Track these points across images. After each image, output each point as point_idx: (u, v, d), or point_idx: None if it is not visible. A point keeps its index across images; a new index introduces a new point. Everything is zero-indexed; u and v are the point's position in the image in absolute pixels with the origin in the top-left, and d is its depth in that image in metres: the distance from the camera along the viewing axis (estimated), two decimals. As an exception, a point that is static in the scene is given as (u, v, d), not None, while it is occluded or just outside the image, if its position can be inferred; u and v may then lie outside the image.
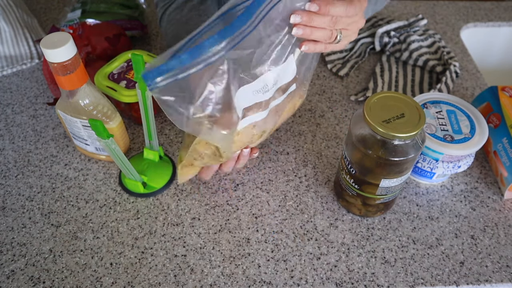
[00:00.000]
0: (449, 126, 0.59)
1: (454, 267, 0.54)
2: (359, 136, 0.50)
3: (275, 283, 0.52)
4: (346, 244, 0.56)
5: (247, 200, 0.61)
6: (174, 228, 0.57)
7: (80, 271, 0.53)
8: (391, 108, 0.49)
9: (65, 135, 0.69)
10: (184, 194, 0.61)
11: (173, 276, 0.53)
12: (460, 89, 0.79)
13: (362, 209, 0.58)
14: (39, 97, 0.75)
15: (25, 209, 0.59)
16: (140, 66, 0.53)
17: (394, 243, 0.57)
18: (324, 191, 0.62)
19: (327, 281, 0.53)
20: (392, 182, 0.52)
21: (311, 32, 0.50)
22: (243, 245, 0.56)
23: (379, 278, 0.53)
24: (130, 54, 0.68)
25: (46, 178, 0.63)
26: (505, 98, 0.65)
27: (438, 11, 0.98)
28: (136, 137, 0.69)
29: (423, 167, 0.60)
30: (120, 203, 0.60)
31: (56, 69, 0.51)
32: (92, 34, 0.71)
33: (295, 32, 0.50)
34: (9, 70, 0.79)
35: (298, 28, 0.50)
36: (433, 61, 0.80)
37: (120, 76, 0.65)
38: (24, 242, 0.56)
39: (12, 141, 0.68)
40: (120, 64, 0.67)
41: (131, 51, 0.68)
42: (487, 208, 0.61)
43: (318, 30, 0.51)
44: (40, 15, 0.93)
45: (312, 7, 0.49)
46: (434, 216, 0.60)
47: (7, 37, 0.79)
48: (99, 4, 0.83)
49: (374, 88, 0.76)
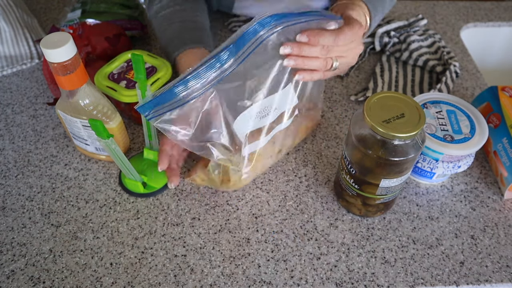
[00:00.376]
0: (449, 126, 0.59)
1: (454, 267, 0.54)
2: (359, 136, 0.50)
3: (275, 283, 0.52)
4: (346, 244, 0.56)
5: (247, 200, 0.61)
6: (174, 228, 0.57)
7: (80, 271, 0.53)
8: (391, 108, 0.49)
9: (65, 135, 0.69)
10: (184, 194, 0.61)
11: (173, 276, 0.53)
12: (460, 89, 0.79)
13: (362, 209, 0.58)
14: (39, 97, 0.75)
15: (25, 209, 0.59)
16: (140, 66, 0.53)
17: (394, 243, 0.57)
18: (324, 191, 0.62)
19: (327, 281, 0.53)
20: (392, 182, 0.52)
21: (303, 62, 0.52)
22: (243, 245, 0.56)
23: (379, 278, 0.53)
24: (130, 54, 0.68)
25: (46, 178, 0.63)
26: (505, 98, 0.65)
27: (438, 11, 0.98)
28: (136, 137, 0.69)
29: (423, 167, 0.60)
30: (120, 203, 0.60)
31: (56, 69, 0.51)
32: (92, 34, 0.71)
33: (286, 63, 0.52)
34: (9, 70, 0.79)
35: (289, 59, 0.52)
36: (433, 61, 0.80)
37: (120, 76, 0.65)
38: (24, 242, 0.56)
39: (12, 141, 0.68)
40: (120, 64, 0.67)
41: (131, 51, 0.68)
42: (487, 208, 0.61)
43: (311, 60, 0.53)
44: (40, 15, 0.93)
45: (302, 38, 0.51)
46: (434, 216, 0.60)
47: (7, 37, 0.79)
48: (99, 4, 0.83)
49: (374, 88, 0.76)
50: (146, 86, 0.55)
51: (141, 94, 0.56)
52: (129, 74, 0.66)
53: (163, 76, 0.65)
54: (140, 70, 0.54)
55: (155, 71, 0.65)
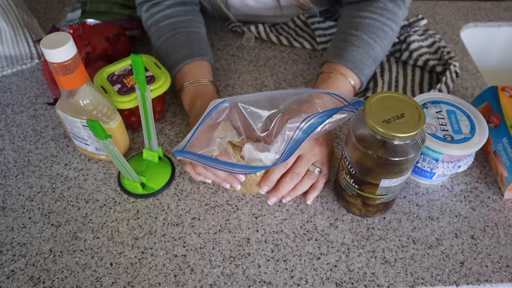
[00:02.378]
0: (449, 126, 0.59)
1: (454, 267, 0.54)
2: (359, 136, 0.50)
3: (275, 283, 0.52)
4: (346, 244, 0.56)
5: (247, 200, 0.61)
6: (174, 228, 0.57)
7: (80, 271, 0.53)
8: (391, 108, 0.49)
9: (65, 135, 0.69)
10: (184, 194, 0.61)
11: (173, 276, 0.53)
12: (460, 89, 0.79)
13: (362, 209, 0.58)
14: (39, 97, 0.75)
15: (25, 209, 0.59)
16: (139, 67, 0.53)
17: (394, 243, 0.57)
18: (324, 191, 0.62)
19: (327, 281, 0.53)
20: (392, 182, 0.52)
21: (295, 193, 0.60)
22: (243, 245, 0.56)
23: (379, 278, 0.53)
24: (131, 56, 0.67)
25: (46, 178, 0.63)
26: (505, 98, 0.65)
27: (438, 11, 0.98)
28: (136, 137, 0.69)
29: (423, 167, 0.60)
30: (120, 203, 0.60)
31: (56, 69, 0.51)
32: (92, 34, 0.71)
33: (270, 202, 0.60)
34: (9, 70, 0.79)
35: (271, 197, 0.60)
36: (433, 61, 0.80)
37: (118, 79, 0.64)
38: (24, 242, 0.56)
39: (12, 141, 0.68)
40: (124, 66, 0.66)
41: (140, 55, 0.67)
42: (487, 208, 0.61)
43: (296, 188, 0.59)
44: (40, 15, 0.93)
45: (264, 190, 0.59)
46: (434, 216, 0.60)
47: (7, 37, 0.79)
48: (99, 4, 0.83)
49: (374, 88, 0.76)
50: (145, 87, 0.55)
51: (140, 95, 0.56)
52: (127, 78, 0.65)
53: (161, 87, 0.64)
54: (139, 72, 0.54)
55: (153, 80, 0.64)
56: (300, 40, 0.86)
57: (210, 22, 0.91)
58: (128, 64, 0.67)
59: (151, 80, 0.64)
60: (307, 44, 0.85)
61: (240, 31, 0.88)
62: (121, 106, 0.62)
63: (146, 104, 0.56)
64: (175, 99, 0.75)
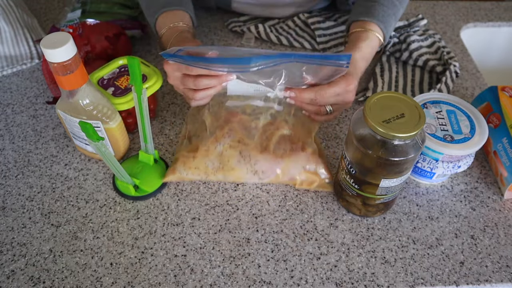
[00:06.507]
0: (449, 126, 0.59)
1: (454, 267, 0.54)
2: (359, 136, 0.50)
3: (275, 283, 0.52)
4: (346, 244, 0.56)
5: (247, 200, 0.61)
6: (174, 228, 0.57)
7: (80, 271, 0.53)
8: (391, 108, 0.49)
9: (65, 135, 0.69)
10: (184, 194, 0.61)
11: (173, 276, 0.53)
12: (460, 89, 0.79)
13: (362, 209, 0.58)
14: (39, 97, 0.75)
15: (25, 209, 0.59)
16: (136, 70, 0.53)
17: (394, 243, 0.57)
18: (324, 191, 0.62)
19: (327, 281, 0.53)
20: (392, 182, 0.52)
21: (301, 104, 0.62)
22: (243, 245, 0.56)
23: (379, 278, 0.53)
24: (123, 60, 0.67)
25: (46, 178, 0.63)
26: (505, 98, 0.65)
27: (438, 11, 0.98)
28: (136, 137, 0.69)
29: (423, 167, 0.60)
30: (120, 203, 0.60)
31: (56, 69, 0.51)
32: (92, 33, 0.71)
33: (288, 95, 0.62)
34: (9, 70, 0.79)
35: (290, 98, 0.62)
36: (433, 61, 0.80)
37: (109, 83, 0.64)
38: (24, 242, 0.56)
39: (12, 141, 0.68)
40: (112, 70, 0.66)
41: (123, 57, 0.67)
42: (487, 208, 0.61)
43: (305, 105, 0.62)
44: (40, 15, 0.93)
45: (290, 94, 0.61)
46: (434, 216, 0.60)
47: (7, 37, 0.79)
48: (99, 4, 0.83)
49: (374, 88, 0.76)
50: (141, 90, 0.55)
51: (137, 97, 0.55)
52: (119, 81, 0.64)
53: (153, 85, 0.64)
54: (136, 74, 0.53)
55: (145, 79, 0.64)
56: (300, 40, 0.86)
57: (210, 22, 0.91)
58: (114, 67, 0.66)
59: (143, 79, 0.64)
60: (307, 44, 0.85)
61: (240, 31, 0.88)
62: (120, 108, 0.62)
63: (142, 106, 0.56)
64: (175, 99, 0.75)
